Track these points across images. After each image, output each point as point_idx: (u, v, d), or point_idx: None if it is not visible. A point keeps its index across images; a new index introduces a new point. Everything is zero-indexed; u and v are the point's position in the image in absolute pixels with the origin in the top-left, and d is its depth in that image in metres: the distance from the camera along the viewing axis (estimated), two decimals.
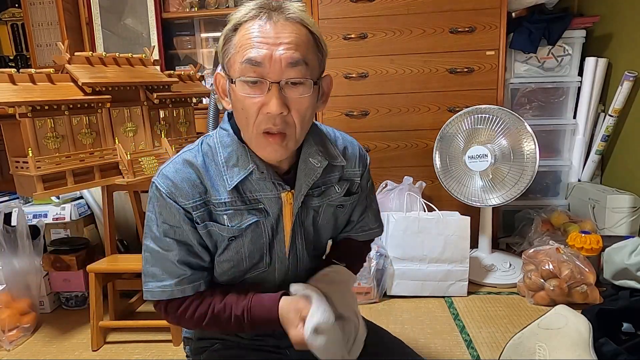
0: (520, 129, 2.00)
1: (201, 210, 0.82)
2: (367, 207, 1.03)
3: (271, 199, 0.84)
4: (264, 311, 0.83)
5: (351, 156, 0.94)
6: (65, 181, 1.61)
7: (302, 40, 0.74)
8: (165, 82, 1.88)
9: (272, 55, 0.72)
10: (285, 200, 0.85)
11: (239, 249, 0.86)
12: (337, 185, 0.91)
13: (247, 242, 0.86)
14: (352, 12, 2.27)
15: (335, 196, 0.91)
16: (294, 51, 0.73)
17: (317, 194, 0.89)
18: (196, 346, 1.05)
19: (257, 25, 0.74)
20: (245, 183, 0.83)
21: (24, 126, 1.50)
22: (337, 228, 1.00)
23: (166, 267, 0.83)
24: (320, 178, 0.88)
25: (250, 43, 0.73)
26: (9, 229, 1.89)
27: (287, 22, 0.74)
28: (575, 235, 2.01)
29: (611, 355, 1.33)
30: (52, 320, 1.96)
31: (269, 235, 0.87)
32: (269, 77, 0.73)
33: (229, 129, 0.85)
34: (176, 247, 0.83)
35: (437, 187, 2.30)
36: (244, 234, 0.85)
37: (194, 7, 2.56)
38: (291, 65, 0.73)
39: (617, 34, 2.36)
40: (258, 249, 0.87)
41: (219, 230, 0.83)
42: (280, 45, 0.72)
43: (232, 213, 0.83)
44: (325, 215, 0.93)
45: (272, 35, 0.72)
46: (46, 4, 2.65)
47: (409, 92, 2.33)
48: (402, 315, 1.87)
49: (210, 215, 0.83)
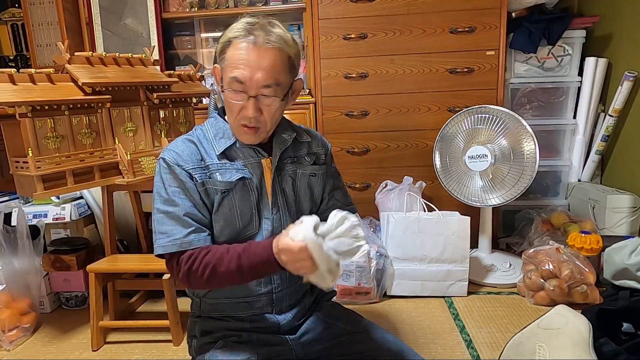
0: (520, 129, 2.00)
1: (199, 172, 1.01)
2: (334, 187, 1.19)
3: (253, 163, 1.05)
4: (260, 246, 0.94)
5: (315, 137, 1.17)
6: (65, 181, 1.61)
7: (277, 66, 0.96)
8: (165, 82, 1.88)
9: (251, 77, 0.94)
10: (265, 166, 1.05)
11: (231, 206, 1.02)
12: (306, 156, 1.13)
13: (237, 199, 1.02)
14: (352, 12, 2.27)
15: (306, 164, 1.12)
16: (268, 77, 0.95)
17: (290, 162, 1.10)
18: (200, 343, 1.07)
19: (244, 47, 0.94)
20: (231, 151, 1.04)
21: (24, 126, 1.50)
22: (315, 201, 1.15)
23: (174, 223, 0.98)
24: (292, 152, 1.10)
25: (237, 64, 0.95)
26: (9, 229, 1.89)
27: (267, 49, 0.94)
28: (575, 235, 2.01)
29: (611, 355, 1.33)
30: (52, 320, 1.96)
31: (255, 195, 1.04)
32: (248, 92, 0.96)
33: (215, 115, 1.10)
34: (182, 202, 0.99)
35: (437, 187, 2.31)
36: (234, 189, 1.02)
37: (194, 7, 2.56)
38: (265, 87, 0.95)
39: (617, 34, 2.36)
40: (247, 208, 1.03)
41: (213, 185, 1.01)
42: (259, 70, 0.94)
43: (222, 171, 1.02)
44: (302, 184, 1.11)
45: (254, 59, 0.94)
46: (46, 4, 2.64)
47: (409, 92, 2.33)
48: (402, 315, 1.87)
49: (206, 175, 1.02)
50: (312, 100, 2.38)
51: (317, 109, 2.38)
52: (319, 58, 2.32)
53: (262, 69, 0.94)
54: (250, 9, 2.53)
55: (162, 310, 1.95)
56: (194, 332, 1.11)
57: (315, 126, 2.39)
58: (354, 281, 1.96)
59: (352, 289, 1.96)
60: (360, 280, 1.96)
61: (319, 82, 2.35)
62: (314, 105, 2.38)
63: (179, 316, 1.74)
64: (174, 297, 1.72)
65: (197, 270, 0.95)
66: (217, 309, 1.08)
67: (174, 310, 1.71)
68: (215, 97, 2.21)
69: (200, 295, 1.09)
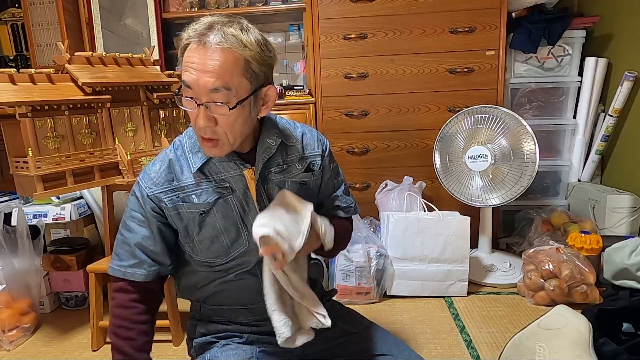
0: (520, 129, 2.00)
1: (171, 195, 0.96)
2: (336, 188, 1.14)
3: (235, 176, 0.97)
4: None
5: (310, 139, 1.07)
6: (65, 181, 1.61)
7: (225, 68, 0.84)
8: (165, 82, 1.88)
9: (198, 81, 0.84)
10: (248, 177, 0.97)
11: (213, 225, 0.98)
12: (298, 163, 1.04)
13: (219, 217, 0.97)
14: (352, 12, 2.27)
15: (296, 172, 1.04)
16: (215, 79, 0.83)
17: (278, 171, 1.02)
18: (201, 343, 1.06)
19: (194, 49, 0.85)
20: (209, 165, 0.96)
21: (24, 126, 1.50)
22: None
23: (126, 249, 0.98)
24: (281, 157, 1.02)
25: (186, 67, 0.86)
26: (9, 229, 1.89)
27: (216, 49, 0.83)
28: (575, 235, 2.01)
29: (611, 355, 1.33)
30: (52, 320, 1.96)
31: (239, 211, 0.98)
32: (198, 99, 0.86)
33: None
34: (137, 230, 0.97)
35: (437, 187, 2.31)
36: (213, 209, 0.97)
37: (194, 7, 2.56)
38: (213, 91, 0.84)
39: (617, 34, 2.36)
40: (232, 223, 0.98)
41: (188, 208, 0.96)
42: (205, 72, 0.83)
43: (199, 192, 0.96)
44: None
45: (200, 62, 0.84)
46: (46, 4, 2.64)
47: (409, 92, 2.33)
48: (402, 315, 1.87)
49: (180, 199, 0.96)
50: (312, 100, 2.38)
51: (317, 109, 2.38)
52: (319, 58, 2.32)
53: (208, 71, 0.83)
54: (250, 9, 2.53)
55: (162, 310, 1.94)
56: (193, 334, 1.10)
57: (315, 126, 2.39)
58: (354, 281, 1.96)
59: (352, 289, 1.96)
60: (360, 280, 1.96)
61: (319, 82, 2.35)
62: (314, 105, 2.39)
63: (179, 316, 1.74)
64: (174, 297, 1.72)
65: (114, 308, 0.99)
66: (217, 314, 1.07)
67: (174, 310, 1.71)
68: None
69: (201, 299, 1.08)
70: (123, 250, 0.98)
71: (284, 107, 2.41)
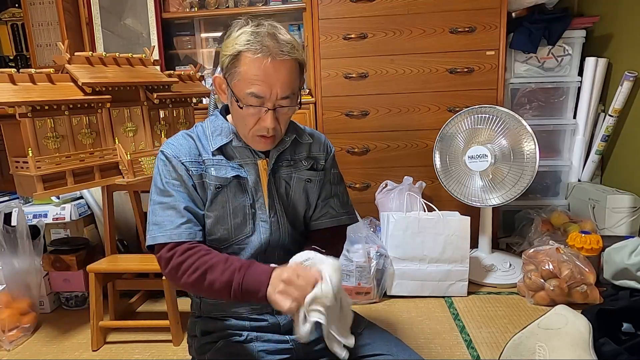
0: (520, 129, 2.00)
1: (196, 166, 1.01)
2: (332, 194, 1.15)
3: (249, 164, 1.04)
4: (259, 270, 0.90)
5: (317, 140, 1.14)
6: (65, 181, 1.61)
7: (292, 77, 0.94)
8: (165, 82, 1.88)
9: (270, 92, 0.93)
10: (261, 167, 1.04)
11: (224, 203, 1.02)
12: (304, 160, 1.10)
13: (231, 196, 1.02)
14: (352, 12, 2.27)
15: (302, 169, 1.10)
16: (286, 89, 0.93)
17: (286, 165, 1.08)
18: (200, 343, 1.07)
19: (258, 62, 0.91)
20: (227, 149, 1.03)
21: (24, 126, 1.50)
22: (309, 205, 1.12)
23: (167, 214, 0.97)
24: (289, 153, 1.08)
25: (253, 80, 0.92)
26: (9, 229, 1.89)
27: (284, 61, 0.92)
28: (575, 235, 2.01)
29: (611, 355, 1.33)
30: (52, 320, 1.96)
31: (250, 196, 1.04)
32: (267, 105, 0.94)
33: (217, 113, 1.08)
34: (177, 194, 0.99)
35: (437, 187, 2.31)
36: (228, 186, 1.01)
37: (194, 7, 2.55)
38: (283, 99, 0.94)
39: (617, 34, 2.36)
40: (241, 207, 1.03)
41: (209, 180, 1.01)
42: (277, 83, 0.92)
43: (217, 166, 1.02)
44: (297, 188, 1.09)
45: (271, 75, 0.91)
46: (46, 4, 2.64)
47: (409, 92, 2.33)
48: (402, 315, 1.87)
49: (203, 169, 1.02)
50: (312, 100, 2.38)
51: (317, 109, 2.38)
52: (319, 58, 2.32)
53: (279, 81, 0.92)
54: (250, 9, 2.53)
55: (162, 310, 1.95)
56: (194, 332, 1.11)
57: (315, 126, 2.39)
58: (354, 281, 1.96)
59: (352, 289, 1.96)
60: (360, 280, 1.96)
61: (319, 82, 2.35)
62: (314, 105, 2.38)
63: (179, 316, 1.74)
64: (174, 297, 1.72)
65: (188, 267, 0.92)
66: (217, 309, 1.08)
67: (174, 310, 1.71)
68: (215, 97, 2.21)
69: (200, 295, 1.09)
70: (164, 216, 0.97)
71: None
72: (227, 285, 0.90)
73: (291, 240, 1.09)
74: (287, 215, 1.08)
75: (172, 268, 0.94)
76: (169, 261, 0.95)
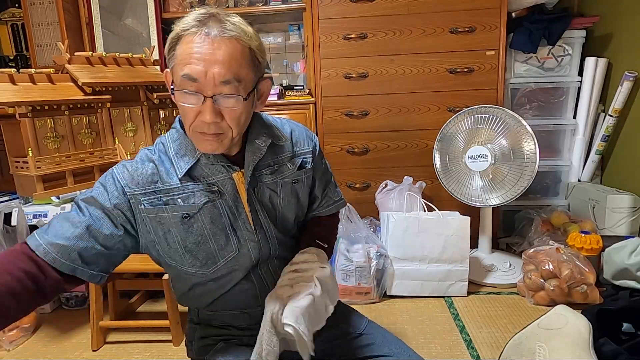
0: (520, 129, 2.00)
1: (152, 197, 0.87)
2: (327, 183, 1.10)
3: (223, 180, 0.91)
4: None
5: (299, 137, 1.02)
6: (65, 181, 1.61)
7: (235, 58, 0.80)
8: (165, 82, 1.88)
9: (207, 73, 0.78)
10: (238, 180, 0.92)
11: (200, 230, 0.90)
12: (289, 162, 0.99)
13: (207, 222, 0.90)
14: (352, 12, 2.27)
15: (288, 172, 0.99)
16: (226, 70, 0.79)
17: (270, 172, 0.96)
18: (199, 345, 1.06)
19: (196, 40, 0.79)
20: (196, 169, 0.90)
21: (24, 126, 1.50)
22: (301, 205, 1.04)
23: (63, 225, 0.82)
24: (271, 158, 0.96)
25: (188, 59, 0.79)
26: (9, 229, 1.89)
27: (223, 39, 0.79)
28: (575, 235, 2.01)
29: (611, 355, 1.33)
30: (52, 320, 1.96)
31: (229, 216, 0.92)
32: (204, 92, 0.80)
33: (177, 127, 0.94)
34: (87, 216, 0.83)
35: (437, 187, 2.31)
36: (200, 213, 0.89)
37: (194, 7, 2.56)
38: (223, 84, 0.79)
39: (617, 34, 2.36)
40: (220, 230, 0.91)
41: (172, 212, 0.88)
42: (214, 63, 0.78)
43: (185, 195, 0.88)
44: (284, 193, 0.99)
45: (208, 52, 0.78)
46: (46, 4, 2.64)
47: (409, 92, 2.33)
48: (402, 315, 1.87)
49: (162, 202, 0.88)
50: (312, 100, 2.38)
51: (317, 109, 2.38)
52: (319, 58, 2.32)
53: (218, 62, 0.78)
54: (250, 9, 2.53)
55: (162, 310, 1.95)
56: (192, 337, 1.09)
57: (315, 126, 2.39)
58: (354, 281, 1.96)
59: (352, 289, 1.96)
60: (360, 280, 1.96)
61: (319, 82, 2.35)
62: (314, 105, 2.39)
63: (179, 316, 1.74)
64: (174, 297, 1.72)
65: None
66: (216, 319, 1.06)
67: (174, 310, 1.71)
68: None
69: (200, 307, 1.06)
70: (59, 225, 0.82)
71: (284, 107, 2.41)
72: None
73: (282, 248, 1.01)
74: (276, 225, 0.99)
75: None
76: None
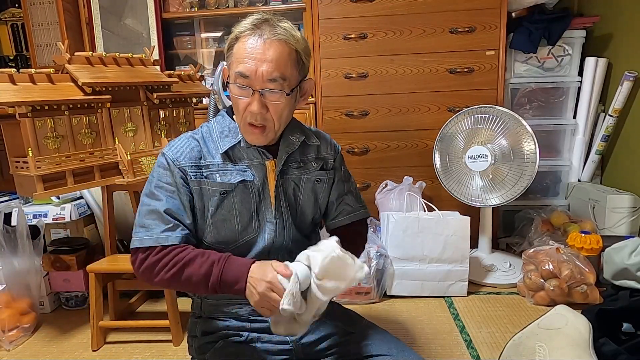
0: (520, 129, 2.00)
1: (196, 171, 1.00)
2: (345, 191, 1.17)
3: (257, 165, 1.03)
4: (237, 263, 0.93)
5: (323, 141, 1.15)
6: (65, 181, 1.61)
7: (283, 59, 0.93)
8: (165, 82, 1.88)
9: (257, 70, 0.92)
10: (269, 168, 1.03)
11: (230, 207, 1.01)
12: (313, 162, 1.11)
13: (237, 200, 1.01)
14: (352, 12, 2.27)
15: (312, 170, 1.10)
16: (273, 69, 0.92)
17: (296, 167, 1.08)
18: (200, 343, 1.07)
19: (250, 42, 0.93)
20: (235, 151, 1.02)
21: (24, 126, 1.50)
22: (318, 206, 1.13)
23: (154, 217, 0.97)
24: (299, 155, 1.08)
25: (242, 58, 0.93)
26: (9, 229, 1.89)
27: (273, 41, 0.92)
28: (575, 235, 2.01)
29: (611, 355, 1.33)
30: (52, 320, 1.96)
31: (256, 198, 1.03)
32: (253, 86, 0.94)
33: (224, 113, 1.08)
34: (166, 199, 0.98)
35: (437, 187, 2.31)
36: (234, 191, 1.01)
37: (194, 7, 2.55)
38: (270, 81, 0.93)
39: (617, 34, 2.36)
40: (247, 209, 1.02)
41: (211, 186, 1.00)
42: (264, 62, 0.92)
43: (223, 172, 1.01)
44: (305, 190, 1.09)
45: (259, 53, 0.92)
46: (46, 4, 2.64)
47: (409, 92, 2.33)
48: (402, 315, 1.87)
49: (203, 175, 1.00)
50: (312, 100, 2.38)
51: (317, 109, 2.38)
52: (319, 58, 2.32)
53: (267, 61, 0.91)
54: (250, 9, 2.53)
55: (162, 310, 1.95)
56: (194, 332, 1.11)
57: (315, 126, 2.39)
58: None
59: (352, 289, 1.96)
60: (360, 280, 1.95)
61: (319, 82, 2.35)
62: (314, 105, 2.39)
63: (179, 316, 1.74)
64: (174, 297, 1.72)
65: (165, 265, 0.93)
66: (218, 310, 1.08)
67: (174, 310, 1.71)
68: (215, 97, 2.21)
69: (202, 296, 1.09)
70: (151, 220, 0.97)
71: None
72: (205, 278, 0.92)
73: (295, 243, 1.07)
74: (294, 217, 1.08)
75: (147, 267, 0.95)
76: (144, 261, 0.96)
